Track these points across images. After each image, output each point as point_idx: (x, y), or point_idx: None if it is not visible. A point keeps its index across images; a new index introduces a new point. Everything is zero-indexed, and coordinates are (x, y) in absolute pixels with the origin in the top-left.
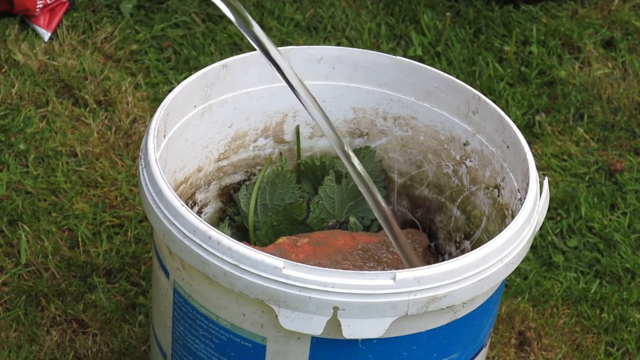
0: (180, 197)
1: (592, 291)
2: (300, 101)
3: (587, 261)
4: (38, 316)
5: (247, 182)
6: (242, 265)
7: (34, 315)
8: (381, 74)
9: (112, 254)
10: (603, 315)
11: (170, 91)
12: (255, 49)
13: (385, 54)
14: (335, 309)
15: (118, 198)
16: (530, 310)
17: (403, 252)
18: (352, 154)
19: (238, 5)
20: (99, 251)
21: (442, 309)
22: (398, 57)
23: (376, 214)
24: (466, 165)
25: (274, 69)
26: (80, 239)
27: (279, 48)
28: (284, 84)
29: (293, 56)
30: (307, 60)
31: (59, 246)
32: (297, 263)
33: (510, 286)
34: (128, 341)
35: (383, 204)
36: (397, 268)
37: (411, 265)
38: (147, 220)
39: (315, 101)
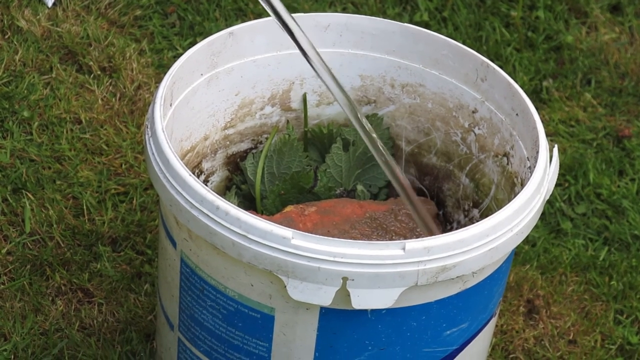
0: (186, 166)
1: (601, 258)
2: (315, 71)
3: (596, 228)
4: (43, 286)
5: (254, 151)
6: (250, 236)
7: (39, 284)
8: (389, 41)
9: (117, 222)
10: (612, 283)
11: (175, 57)
12: (261, 16)
13: (392, 21)
14: (345, 279)
15: (123, 165)
16: (539, 277)
17: (421, 219)
18: (366, 122)
19: None
20: (104, 219)
21: (452, 278)
22: (406, 24)
23: (392, 182)
24: (475, 133)
25: (289, 36)
26: (85, 207)
27: None
28: (291, 51)
29: (300, 23)
30: (314, 27)
31: (64, 214)
32: (306, 233)
33: (519, 253)
34: (134, 311)
35: (400, 173)
36: (405, 237)
37: (429, 230)
38: (153, 188)
39: (325, 64)
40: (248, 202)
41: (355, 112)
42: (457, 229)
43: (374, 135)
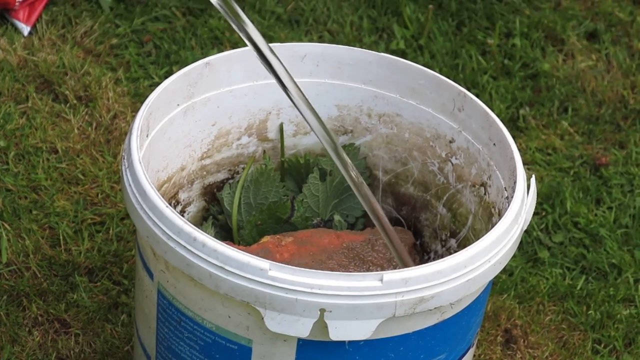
0: (163, 197)
1: (578, 287)
2: (292, 100)
3: (573, 257)
4: (20, 316)
5: (231, 181)
6: (227, 267)
7: (16, 315)
8: (366, 70)
9: (93, 252)
10: (589, 312)
11: (151, 86)
12: (237, 45)
13: (369, 51)
14: (322, 310)
15: (99, 195)
16: (516, 307)
17: (395, 250)
18: (343, 153)
19: (232, 2)
20: (81, 249)
21: (430, 309)
22: (383, 54)
23: (368, 212)
24: (452, 163)
25: (267, 68)
26: (61, 237)
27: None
28: (267, 81)
29: (277, 53)
30: (290, 57)
31: (40, 245)
32: (283, 264)
33: (496, 283)
34: (111, 341)
35: (375, 202)
36: (382, 267)
37: (403, 262)
38: (129, 218)
39: (306, 99)
40: (225, 233)
41: (334, 144)
42: (434, 259)
43: (351, 166)
